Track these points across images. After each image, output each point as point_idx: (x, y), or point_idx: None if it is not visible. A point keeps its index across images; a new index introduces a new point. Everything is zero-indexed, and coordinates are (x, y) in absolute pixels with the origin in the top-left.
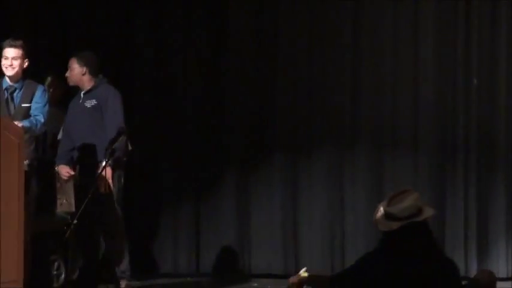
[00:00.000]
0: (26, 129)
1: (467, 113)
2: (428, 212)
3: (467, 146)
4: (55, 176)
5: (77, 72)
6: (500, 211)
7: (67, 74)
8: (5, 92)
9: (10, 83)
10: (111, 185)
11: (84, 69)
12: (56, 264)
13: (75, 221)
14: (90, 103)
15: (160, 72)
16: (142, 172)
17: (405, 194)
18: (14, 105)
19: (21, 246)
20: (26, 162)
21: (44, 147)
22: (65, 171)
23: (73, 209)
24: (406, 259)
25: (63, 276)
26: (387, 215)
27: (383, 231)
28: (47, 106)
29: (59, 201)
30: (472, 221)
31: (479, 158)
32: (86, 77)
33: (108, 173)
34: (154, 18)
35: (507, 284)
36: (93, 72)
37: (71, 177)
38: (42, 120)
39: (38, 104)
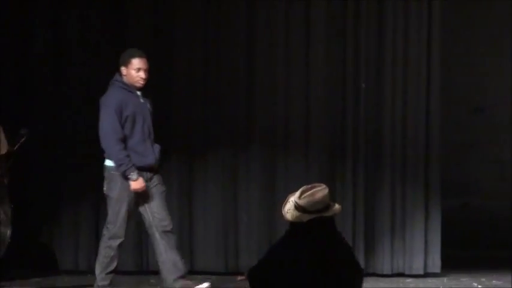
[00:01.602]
0: None
1: (356, 115)
2: (336, 209)
3: (356, 147)
4: None
5: None
6: (385, 211)
7: (145, 76)
8: None
9: None
10: None
11: None
12: None
13: None
14: (150, 106)
15: (59, 72)
16: (42, 169)
17: (316, 189)
18: None
19: None
20: None
21: None
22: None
23: None
24: (312, 247)
25: None
26: (298, 208)
27: (291, 222)
28: None
29: None
30: (359, 219)
31: (366, 159)
32: None
33: None
34: (52, 16)
35: (390, 280)
36: None
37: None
38: None
39: None
